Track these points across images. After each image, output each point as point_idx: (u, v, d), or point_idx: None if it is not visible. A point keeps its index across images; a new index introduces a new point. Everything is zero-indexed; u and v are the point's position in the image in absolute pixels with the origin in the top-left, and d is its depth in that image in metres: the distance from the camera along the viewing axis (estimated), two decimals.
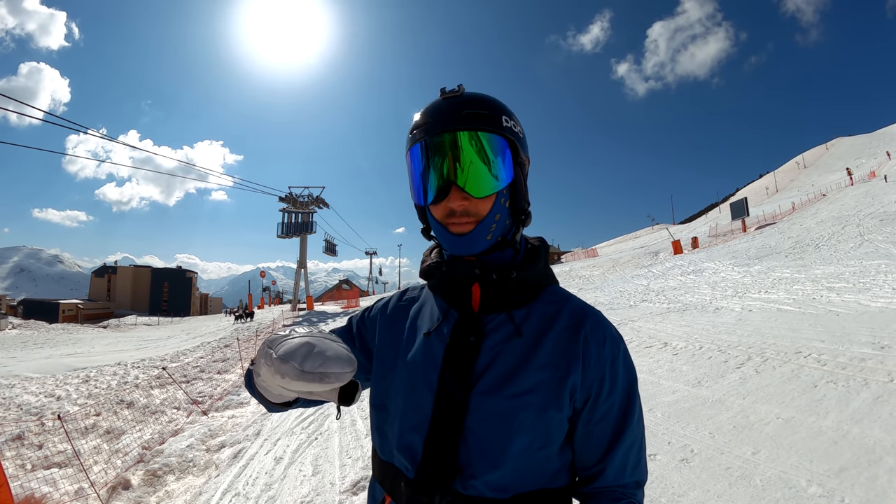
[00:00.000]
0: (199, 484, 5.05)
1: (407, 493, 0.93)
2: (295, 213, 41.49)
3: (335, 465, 4.63)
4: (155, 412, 8.02)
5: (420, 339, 1.01)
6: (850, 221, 23.09)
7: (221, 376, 11.49)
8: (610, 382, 0.92)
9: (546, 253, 1.05)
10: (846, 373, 4.89)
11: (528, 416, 0.87)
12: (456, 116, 0.90)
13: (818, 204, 35.36)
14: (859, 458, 3.31)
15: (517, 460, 0.87)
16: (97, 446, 6.43)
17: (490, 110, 0.92)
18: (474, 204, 0.91)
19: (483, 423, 0.88)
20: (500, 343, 0.93)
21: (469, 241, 0.93)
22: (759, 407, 4.51)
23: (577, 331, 0.94)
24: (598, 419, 0.92)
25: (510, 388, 0.89)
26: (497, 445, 0.87)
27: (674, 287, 15.57)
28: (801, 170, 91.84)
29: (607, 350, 0.93)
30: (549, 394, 0.89)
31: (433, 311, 1.05)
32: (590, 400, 0.91)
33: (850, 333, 6.35)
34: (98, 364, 14.93)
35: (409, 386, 0.97)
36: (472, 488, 0.87)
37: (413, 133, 0.95)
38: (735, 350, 6.47)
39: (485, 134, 0.90)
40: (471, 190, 0.90)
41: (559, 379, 0.89)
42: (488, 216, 0.92)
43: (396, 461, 0.96)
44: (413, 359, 0.99)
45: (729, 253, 22.88)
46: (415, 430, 0.93)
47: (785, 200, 48.38)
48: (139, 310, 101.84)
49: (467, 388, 0.90)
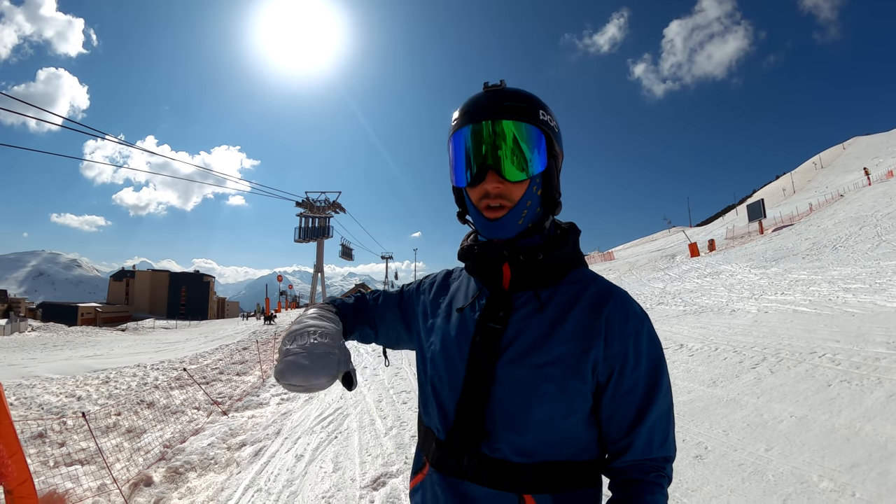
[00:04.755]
0: (221, 480, 5.15)
1: (438, 454, 1.03)
2: (312, 218, 41.84)
3: (355, 462, 4.73)
4: (175, 412, 8.15)
5: (455, 315, 1.10)
6: (867, 222, 22.78)
7: (240, 378, 11.62)
8: (634, 358, 0.96)
9: (575, 237, 1.12)
10: (860, 372, 4.90)
11: (550, 386, 0.94)
12: (497, 107, 0.98)
13: (835, 205, 34.90)
14: (871, 454, 3.35)
15: (540, 427, 0.94)
16: (118, 444, 6.56)
17: (528, 104, 0.99)
18: (508, 188, 0.98)
19: (507, 391, 0.96)
20: (526, 318, 1.00)
21: (501, 226, 1.00)
22: (773, 406, 4.55)
23: (600, 308, 0.99)
24: (624, 393, 0.96)
25: (533, 358, 0.96)
26: (520, 411, 0.94)
27: (690, 290, 15.52)
28: (819, 170, 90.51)
29: (630, 326, 0.98)
30: (570, 366, 0.94)
31: (469, 289, 1.15)
32: (614, 374, 0.96)
33: (865, 333, 6.34)
34: (117, 366, 15.13)
35: (445, 356, 1.06)
36: (499, 451, 0.95)
37: (456, 121, 1.03)
38: (750, 351, 6.49)
39: (522, 124, 0.98)
40: (506, 174, 0.97)
41: (581, 352, 0.95)
42: (520, 202, 0.99)
43: (432, 425, 1.07)
44: (448, 331, 1.09)
45: (746, 255, 22.70)
46: (449, 396, 1.03)
47: (802, 202, 47.80)
48: (157, 313, 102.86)
49: (494, 358, 0.98)
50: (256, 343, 15.97)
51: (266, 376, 11.19)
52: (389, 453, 4.82)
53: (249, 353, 15.94)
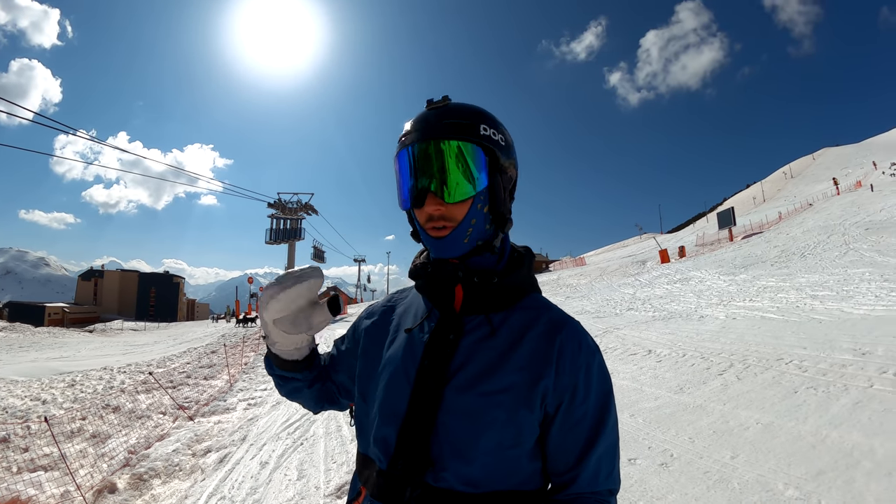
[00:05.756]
0: (185, 488, 5.03)
1: (378, 483, 0.95)
2: (284, 219, 41.39)
3: (320, 470, 4.64)
4: (141, 417, 7.97)
5: (403, 336, 1.05)
6: (835, 230, 23.35)
7: (208, 382, 11.43)
8: (584, 390, 0.94)
9: (530, 261, 1.10)
10: (827, 379, 4.97)
11: (500, 414, 0.90)
12: (436, 126, 0.95)
13: (804, 213, 35.74)
14: (837, 461, 3.38)
15: (487, 456, 0.89)
16: (83, 450, 6.39)
17: (469, 119, 0.96)
18: (449, 209, 0.95)
19: (455, 418, 0.91)
20: (477, 342, 0.96)
21: (446, 245, 0.97)
22: (739, 412, 4.58)
23: (552, 336, 0.96)
24: (571, 425, 0.94)
25: (483, 386, 0.92)
26: (467, 440, 0.90)
27: (660, 296, 15.69)
28: (789, 180, 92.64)
29: (582, 358, 0.95)
30: (520, 395, 0.91)
31: (418, 310, 1.09)
32: (562, 405, 0.93)
33: (831, 340, 6.45)
34: (84, 368, 14.82)
35: (388, 380, 1.00)
36: (444, 481, 0.89)
37: (400, 141, 1.00)
38: (718, 357, 6.56)
39: (460, 142, 0.94)
40: (444, 196, 0.94)
41: (531, 381, 0.92)
42: (463, 221, 0.96)
43: (371, 453, 0.99)
44: (394, 354, 1.03)
45: (715, 262, 23.05)
46: (390, 422, 0.96)
47: (772, 210, 48.79)
48: (126, 314, 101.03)
49: (442, 384, 0.93)
50: (225, 347, 15.69)
51: (234, 380, 10.99)
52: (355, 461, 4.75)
53: (218, 356, 15.67)
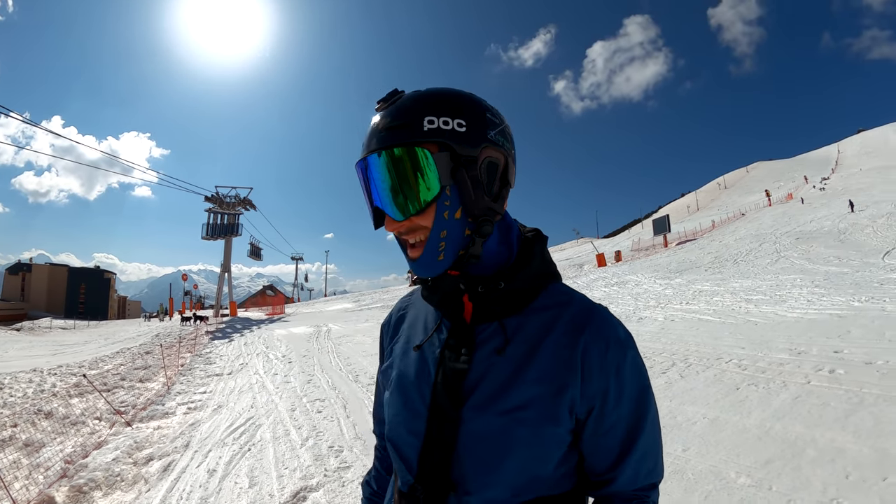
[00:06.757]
0: (129, 500, 4.75)
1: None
2: (221, 214, 40.03)
3: (272, 477, 4.50)
4: (76, 423, 7.48)
5: (413, 352, 0.96)
6: (767, 239, 24.73)
7: (144, 385, 10.87)
8: (616, 393, 0.85)
9: (541, 249, 0.96)
10: (766, 376, 5.25)
11: (523, 432, 0.82)
12: (378, 134, 0.82)
13: (737, 222, 37.64)
14: (784, 451, 3.60)
15: (512, 476, 0.82)
16: (16, 460, 5.94)
17: (409, 117, 0.80)
18: (412, 223, 0.84)
19: (476, 440, 0.83)
20: (492, 354, 0.87)
21: (422, 266, 0.86)
22: (685, 408, 4.78)
23: (575, 338, 0.85)
24: (606, 430, 0.86)
25: (502, 403, 0.83)
26: (491, 462, 0.82)
27: (598, 298, 16.07)
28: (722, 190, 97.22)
29: (611, 358, 0.85)
30: (544, 409, 0.82)
31: (427, 320, 1.00)
32: (594, 411, 0.85)
33: (768, 341, 6.82)
34: (12, 370, 13.84)
35: (404, 399, 0.93)
36: None
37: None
38: (660, 357, 6.82)
39: (399, 150, 0.80)
40: (393, 215, 0.83)
41: (555, 393, 0.83)
42: (432, 235, 0.83)
43: (399, 475, 0.93)
44: (407, 372, 0.95)
45: (651, 266, 23.93)
46: (410, 444, 0.90)
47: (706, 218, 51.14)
48: (54, 311, 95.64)
49: (459, 404, 0.85)
50: (160, 347, 15.05)
51: (171, 383, 10.54)
52: (307, 466, 4.62)
53: (153, 357, 14.96)
